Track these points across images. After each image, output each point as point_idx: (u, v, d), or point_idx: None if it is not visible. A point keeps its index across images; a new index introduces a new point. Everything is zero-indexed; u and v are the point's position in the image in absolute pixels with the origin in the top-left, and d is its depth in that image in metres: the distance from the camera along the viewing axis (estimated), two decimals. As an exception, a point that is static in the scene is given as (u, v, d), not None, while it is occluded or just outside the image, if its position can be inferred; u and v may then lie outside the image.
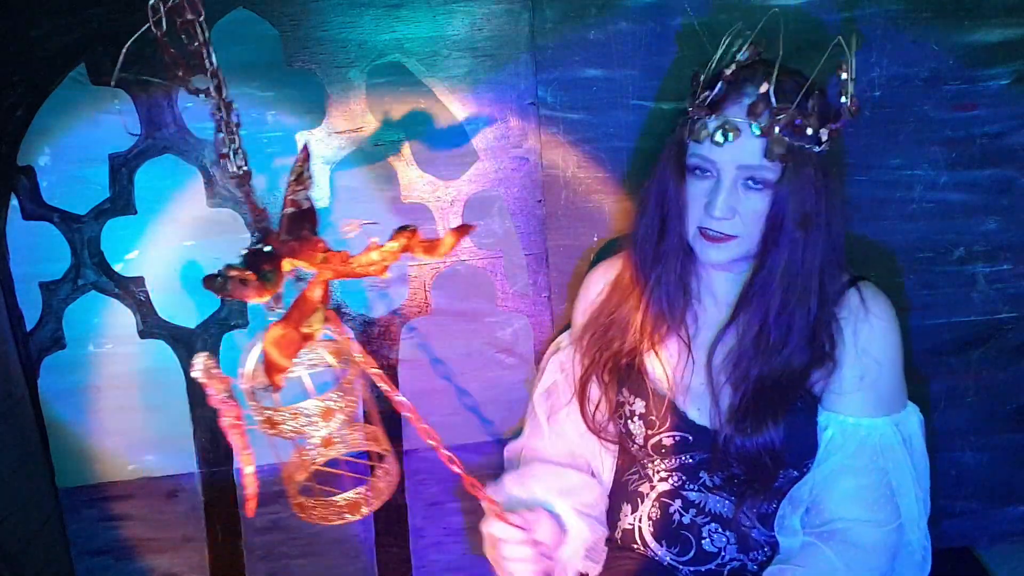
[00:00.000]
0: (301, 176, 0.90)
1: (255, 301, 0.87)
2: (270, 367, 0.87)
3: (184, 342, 1.48)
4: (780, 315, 1.17)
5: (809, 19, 1.39)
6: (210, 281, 0.85)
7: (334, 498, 1.00)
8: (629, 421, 1.27)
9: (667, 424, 1.25)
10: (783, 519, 1.23)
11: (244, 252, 0.86)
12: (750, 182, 1.12)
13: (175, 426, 1.51)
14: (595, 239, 1.50)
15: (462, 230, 0.92)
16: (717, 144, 1.11)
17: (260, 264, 0.86)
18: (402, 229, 0.88)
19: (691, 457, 1.25)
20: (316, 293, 0.88)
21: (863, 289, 1.21)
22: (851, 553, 1.16)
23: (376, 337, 1.52)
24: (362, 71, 1.39)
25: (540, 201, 1.48)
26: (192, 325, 1.47)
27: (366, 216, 1.45)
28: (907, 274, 1.54)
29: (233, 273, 0.84)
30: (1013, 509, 1.71)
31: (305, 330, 0.88)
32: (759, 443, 1.16)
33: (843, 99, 1.11)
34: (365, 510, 1.00)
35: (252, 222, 0.91)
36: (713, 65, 1.14)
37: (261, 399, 0.94)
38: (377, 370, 1.00)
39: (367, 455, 1.10)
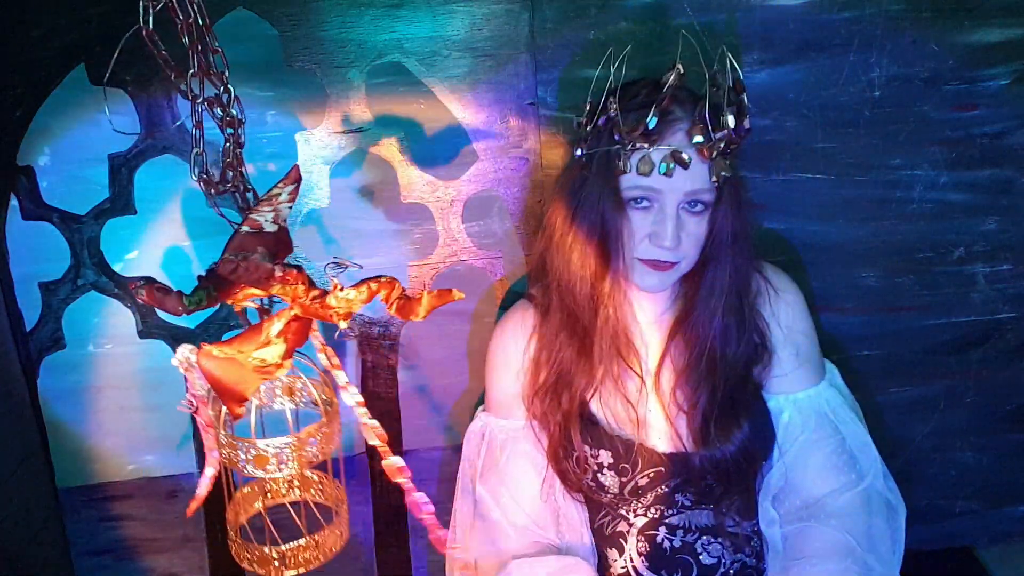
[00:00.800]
0: (273, 198, 0.84)
1: (172, 313, 0.84)
2: (219, 392, 0.83)
3: (184, 342, 1.47)
4: (724, 327, 1.19)
5: (809, 19, 1.39)
6: (132, 282, 0.82)
7: (267, 549, 0.93)
8: (598, 475, 1.23)
9: (640, 466, 1.22)
10: (765, 510, 1.26)
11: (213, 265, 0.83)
12: (690, 206, 1.12)
13: (175, 426, 1.51)
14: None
15: (443, 296, 0.87)
16: (666, 176, 1.09)
17: (208, 279, 0.83)
18: (378, 279, 0.83)
19: (666, 486, 1.24)
20: (275, 326, 0.83)
21: (763, 270, 1.26)
22: (847, 521, 1.19)
23: (376, 337, 1.52)
24: (362, 71, 1.39)
25: (540, 201, 1.48)
26: (192, 325, 1.47)
27: (364, 217, 1.45)
28: (907, 274, 1.54)
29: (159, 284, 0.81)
30: (1013, 509, 1.71)
31: (255, 363, 0.82)
32: (732, 451, 1.18)
33: (745, 121, 1.08)
34: (290, 573, 0.93)
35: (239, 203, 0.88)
36: (613, 90, 1.11)
37: (224, 421, 0.91)
38: (374, 423, 0.90)
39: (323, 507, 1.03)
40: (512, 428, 1.31)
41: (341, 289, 0.81)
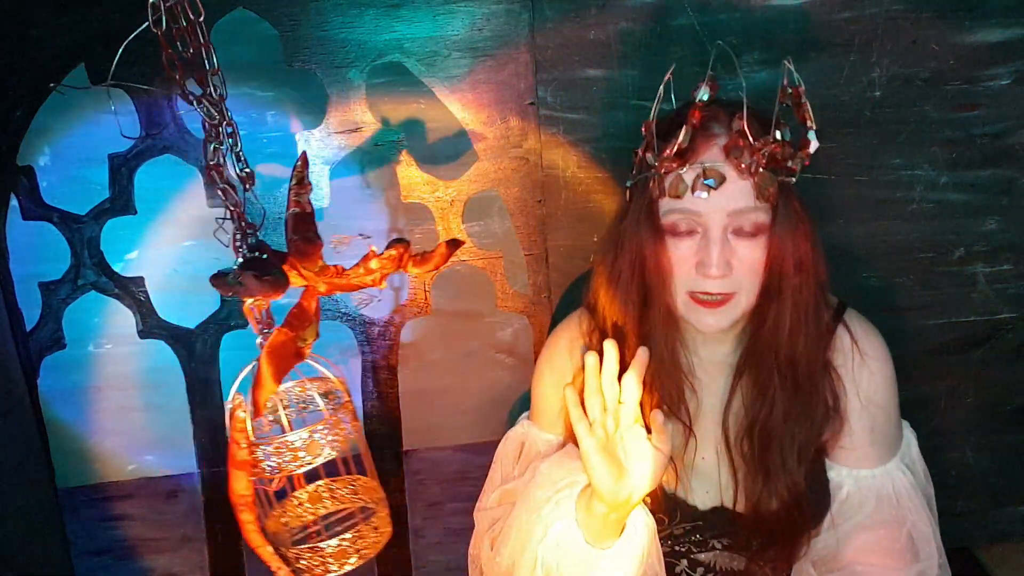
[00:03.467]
0: (303, 180, 0.91)
1: (263, 299, 0.89)
2: (259, 384, 0.88)
3: (184, 342, 1.48)
4: (788, 368, 1.07)
5: (810, 19, 1.39)
6: (220, 279, 0.86)
7: (321, 546, 0.99)
8: None
9: (676, 518, 1.15)
10: (805, 571, 1.16)
11: (242, 259, 0.89)
12: (739, 229, 1.01)
13: (175, 426, 1.51)
14: (595, 239, 1.50)
15: (454, 244, 0.93)
16: (701, 195, 0.99)
17: (259, 269, 0.87)
18: (396, 242, 0.90)
19: (700, 535, 1.16)
20: (312, 304, 0.91)
21: (851, 326, 1.14)
22: None
23: (376, 337, 1.52)
24: (362, 71, 1.39)
25: (540, 201, 1.48)
26: (192, 325, 1.47)
27: (364, 216, 1.45)
28: (907, 274, 1.54)
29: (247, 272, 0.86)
30: (1013, 509, 1.71)
31: (300, 344, 0.90)
32: (777, 513, 1.09)
33: (809, 123, 0.98)
34: (354, 560, 0.99)
35: (238, 227, 0.91)
36: (655, 111, 1.04)
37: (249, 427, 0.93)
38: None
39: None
40: (555, 443, 1.22)
41: (380, 254, 0.90)
